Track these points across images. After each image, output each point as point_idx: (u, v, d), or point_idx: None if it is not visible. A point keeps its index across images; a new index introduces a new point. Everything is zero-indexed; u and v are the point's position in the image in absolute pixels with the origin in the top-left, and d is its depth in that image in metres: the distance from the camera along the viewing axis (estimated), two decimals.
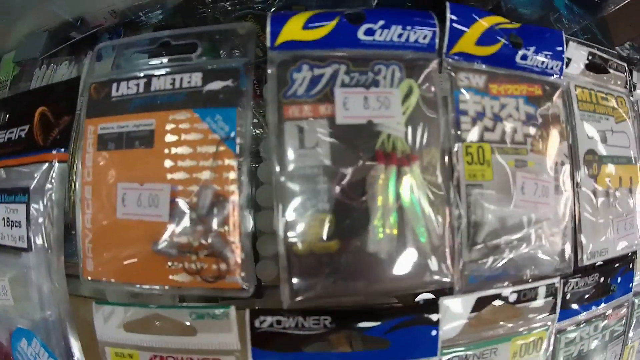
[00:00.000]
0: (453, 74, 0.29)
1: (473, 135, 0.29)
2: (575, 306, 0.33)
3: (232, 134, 0.28)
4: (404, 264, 0.27)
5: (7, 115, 0.37)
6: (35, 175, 0.33)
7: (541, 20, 0.37)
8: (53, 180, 0.32)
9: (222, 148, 0.28)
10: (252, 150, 0.28)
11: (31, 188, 0.33)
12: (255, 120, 0.33)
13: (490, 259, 0.28)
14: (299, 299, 0.26)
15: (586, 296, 0.33)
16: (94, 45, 0.33)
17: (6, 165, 0.36)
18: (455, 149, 0.28)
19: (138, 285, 0.29)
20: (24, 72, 0.43)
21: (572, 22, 0.37)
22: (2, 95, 0.43)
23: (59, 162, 0.33)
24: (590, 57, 0.33)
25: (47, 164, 0.33)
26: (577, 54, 0.33)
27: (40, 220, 0.33)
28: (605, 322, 0.34)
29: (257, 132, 0.33)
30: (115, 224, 0.29)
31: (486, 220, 0.28)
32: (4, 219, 0.35)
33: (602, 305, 0.34)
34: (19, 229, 0.34)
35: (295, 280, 0.26)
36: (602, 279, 0.34)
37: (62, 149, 0.33)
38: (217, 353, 0.29)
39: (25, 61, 0.43)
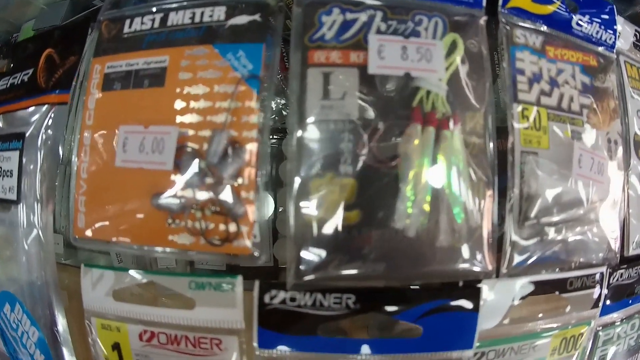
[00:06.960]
0: (509, 28, 0.21)
1: (530, 97, 0.21)
2: (616, 300, 0.25)
3: (256, 72, 0.20)
4: (435, 247, 0.19)
5: (12, 63, 0.29)
6: (33, 120, 0.25)
7: None
8: (50, 124, 0.24)
9: (242, 88, 0.20)
10: (278, 126, 0.21)
11: (27, 134, 0.25)
12: (283, 102, 0.25)
13: (541, 239, 0.20)
14: (306, 277, 0.18)
15: (628, 290, 0.25)
16: None
17: (6, 111, 0.27)
18: (512, 110, 0.21)
19: (136, 247, 0.21)
20: None
21: None
22: None
23: (58, 104, 0.24)
24: (637, 35, 0.26)
25: (45, 107, 0.25)
26: (625, 31, 0.26)
27: (33, 168, 0.25)
28: None
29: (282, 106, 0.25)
30: (113, 173, 0.21)
31: (541, 193, 0.20)
32: None
33: None
34: (10, 178, 0.26)
35: (304, 256, 0.18)
36: None
37: (63, 90, 0.24)
38: (217, 331, 0.21)
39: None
